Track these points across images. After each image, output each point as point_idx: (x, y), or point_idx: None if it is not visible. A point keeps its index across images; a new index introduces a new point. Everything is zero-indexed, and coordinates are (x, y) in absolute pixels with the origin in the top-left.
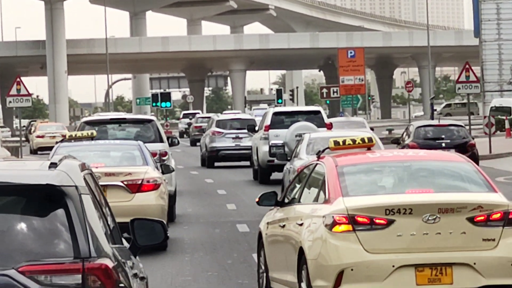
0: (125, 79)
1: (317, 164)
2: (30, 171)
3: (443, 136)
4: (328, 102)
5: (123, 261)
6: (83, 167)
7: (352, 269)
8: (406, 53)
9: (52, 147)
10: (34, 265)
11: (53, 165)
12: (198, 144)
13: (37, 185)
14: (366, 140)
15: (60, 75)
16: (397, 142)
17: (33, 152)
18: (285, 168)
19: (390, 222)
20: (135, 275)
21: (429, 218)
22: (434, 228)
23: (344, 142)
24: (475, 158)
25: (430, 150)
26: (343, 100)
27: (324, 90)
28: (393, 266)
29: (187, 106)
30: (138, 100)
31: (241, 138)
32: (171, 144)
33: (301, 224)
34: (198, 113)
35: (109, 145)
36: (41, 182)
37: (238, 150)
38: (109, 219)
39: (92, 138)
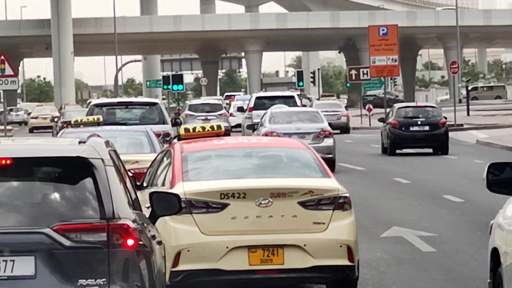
0: (135, 60)
1: (168, 150)
2: (63, 145)
3: (420, 115)
4: (348, 85)
5: (142, 223)
6: (107, 144)
7: (188, 250)
8: (431, 33)
9: (45, 127)
10: (66, 225)
11: (82, 141)
12: None
13: (69, 157)
14: (215, 128)
15: (66, 56)
16: (383, 120)
17: (31, 131)
18: (254, 134)
19: (224, 206)
20: (153, 236)
21: (262, 202)
22: (266, 211)
23: (194, 129)
24: (446, 133)
25: (284, 137)
26: (366, 84)
27: (353, 72)
28: (227, 247)
29: (199, 89)
30: (148, 83)
31: (210, 119)
32: (174, 125)
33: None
34: (239, 95)
35: (116, 131)
36: (73, 155)
37: None
38: (130, 190)
39: (98, 124)
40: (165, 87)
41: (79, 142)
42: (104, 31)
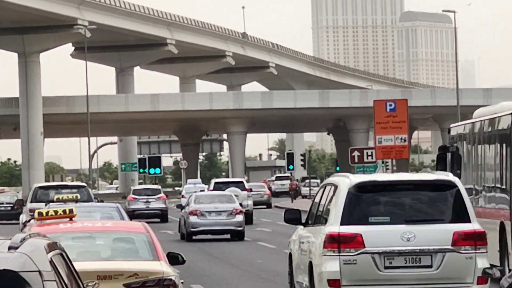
0: (111, 143)
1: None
2: None
3: None
4: (338, 168)
5: None
6: (51, 247)
7: None
8: (427, 114)
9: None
10: None
11: (13, 246)
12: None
13: None
14: (67, 212)
15: (35, 137)
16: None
17: None
18: (181, 213)
19: None
20: None
21: (89, 284)
22: None
23: (47, 213)
24: None
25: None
26: (359, 167)
27: (356, 153)
28: None
29: (179, 173)
30: (123, 166)
31: (150, 202)
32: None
33: None
34: (288, 176)
35: (91, 207)
36: None
37: (148, 211)
38: None
39: (76, 201)
40: (141, 170)
41: (9, 248)
42: (76, 110)
